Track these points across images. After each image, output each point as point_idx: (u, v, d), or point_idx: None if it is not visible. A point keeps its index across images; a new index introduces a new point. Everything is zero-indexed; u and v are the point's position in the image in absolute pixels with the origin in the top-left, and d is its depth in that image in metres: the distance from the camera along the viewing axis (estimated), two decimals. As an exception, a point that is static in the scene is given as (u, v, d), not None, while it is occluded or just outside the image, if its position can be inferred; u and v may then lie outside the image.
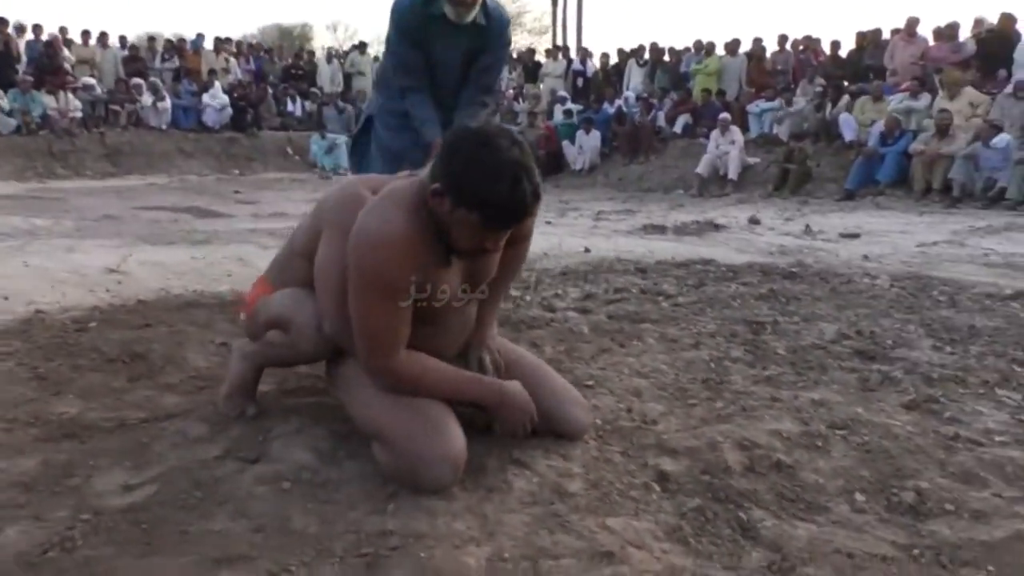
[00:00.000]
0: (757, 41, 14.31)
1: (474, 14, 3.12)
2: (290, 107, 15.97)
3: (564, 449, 1.93)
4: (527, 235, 2.07)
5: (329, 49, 19.43)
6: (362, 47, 17.83)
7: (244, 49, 17.64)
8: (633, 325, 3.33)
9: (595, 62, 16.79)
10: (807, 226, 7.08)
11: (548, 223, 7.52)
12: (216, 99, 14.53)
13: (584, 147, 13.63)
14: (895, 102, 10.75)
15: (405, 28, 3.19)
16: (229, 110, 14.61)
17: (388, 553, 1.46)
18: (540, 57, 17.82)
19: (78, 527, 1.53)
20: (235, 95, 14.89)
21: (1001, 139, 8.93)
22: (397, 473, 1.70)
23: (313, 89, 16.71)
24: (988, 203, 8.85)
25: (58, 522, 1.55)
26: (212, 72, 15.18)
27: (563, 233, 6.60)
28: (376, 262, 1.64)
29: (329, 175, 13.80)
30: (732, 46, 14.27)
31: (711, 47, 14.45)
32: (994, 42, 11.53)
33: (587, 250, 5.44)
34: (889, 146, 10.04)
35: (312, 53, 19.35)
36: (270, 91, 16.05)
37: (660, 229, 7.00)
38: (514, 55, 18.07)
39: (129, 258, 4.60)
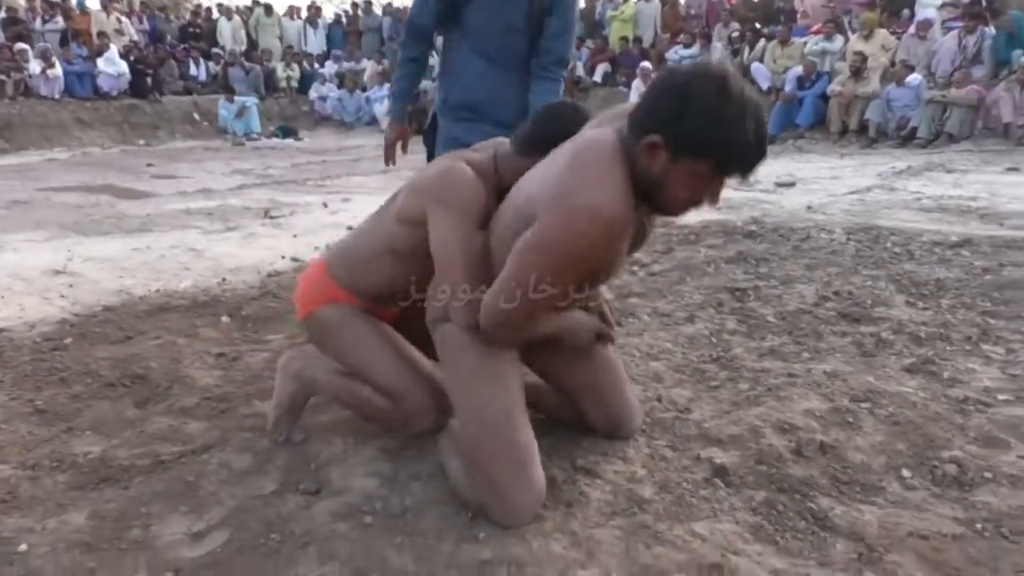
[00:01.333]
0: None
1: None
2: (193, 70, 15.14)
3: (619, 450, 1.95)
4: None
5: (221, 4, 18.38)
6: (268, 9, 16.96)
7: (136, 7, 16.57)
8: (621, 300, 3.36)
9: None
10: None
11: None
12: (112, 64, 13.60)
13: (505, 100, 13.46)
14: (810, 44, 11.02)
15: None
16: (127, 75, 13.71)
17: (497, 585, 1.46)
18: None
19: (165, 589, 1.46)
20: (132, 59, 13.99)
21: (913, 79, 9.31)
22: (476, 498, 1.68)
23: (215, 49, 15.87)
24: (901, 142, 9.26)
25: (140, 584, 1.48)
26: (103, 34, 14.21)
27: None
28: (593, 241, 1.48)
29: (242, 141, 13.25)
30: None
31: (624, -8, 14.43)
32: (897, -18, 11.94)
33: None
34: (807, 90, 10.33)
35: (209, 10, 18.31)
36: (170, 53, 15.18)
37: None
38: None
39: (73, 256, 4.33)
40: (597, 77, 13.62)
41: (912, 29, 10.47)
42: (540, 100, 2.61)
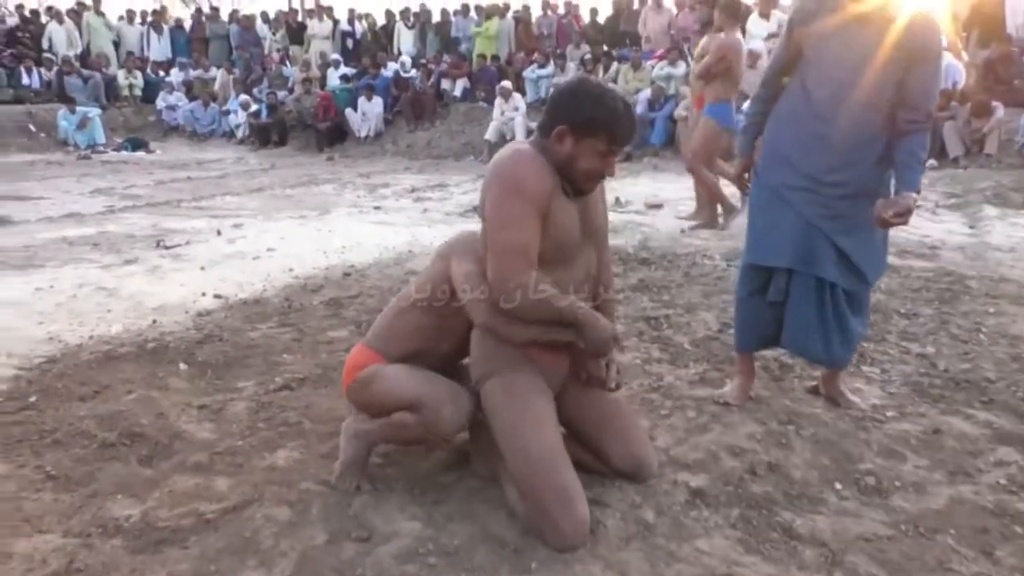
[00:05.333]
0: (526, 8, 14.99)
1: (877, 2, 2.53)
2: (25, 78, 14.06)
3: (614, 479, 2.29)
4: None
5: (51, 8, 17.10)
6: (98, 10, 15.95)
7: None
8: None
9: (363, 23, 16.54)
10: (617, 198, 7.82)
11: (377, 208, 7.62)
12: (-70, 69, 12.47)
13: (368, 114, 13.55)
14: (657, 69, 11.90)
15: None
16: (-51, 82, 12.63)
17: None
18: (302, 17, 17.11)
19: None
20: (-46, 65, 12.88)
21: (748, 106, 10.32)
22: (533, 526, 1.99)
23: (47, 55, 14.82)
24: (744, 163, 10.26)
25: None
26: (-83, 36, 12.98)
27: (402, 223, 6.77)
28: (516, 171, 2.01)
29: (87, 154, 12.52)
30: (502, 10, 14.79)
31: (492, 10, 14.86)
32: (730, 14, 13.09)
33: (449, 245, 5.70)
34: (657, 111, 11.18)
35: (36, 12, 17.00)
36: (-4, 59, 14.07)
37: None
38: (272, 15, 17.25)
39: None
40: (457, 92, 13.98)
41: (744, 58, 11.56)
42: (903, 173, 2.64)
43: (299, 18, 17.18)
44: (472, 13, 15.08)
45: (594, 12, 14.76)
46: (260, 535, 2.02)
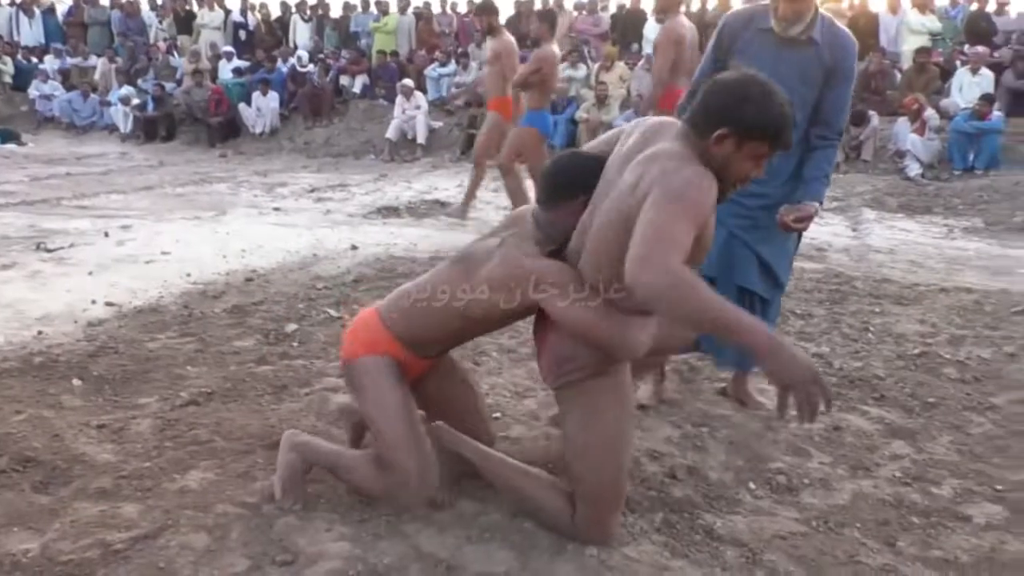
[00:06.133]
0: (426, 5, 14.88)
1: (801, 27, 2.66)
2: None
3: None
4: None
5: None
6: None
7: None
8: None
9: (256, 14, 16.00)
10: (521, 200, 7.87)
11: (277, 209, 7.40)
12: None
13: (263, 109, 13.12)
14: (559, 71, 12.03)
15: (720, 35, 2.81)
16: None
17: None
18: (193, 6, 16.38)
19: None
20: None
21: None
22: (573, 528, 2.07)
23: (-97, 36, 13.67)
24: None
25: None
26: None
27: (304, 224, 6.60)
28: (700, 195, 1.76)
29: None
30: (402, 5, 14.61)
31: (385, 6, 14.65)
32: (627, 19, 13.43)
33: (355, 247, 5.60)
34: (559, 114, 11.30)
35: None
36: None
37: (395, 211, 7.29)
38: (158, 1, 16.45)
39: None
40: (356, 88, 13.72)
41: (642, 63, 11.87)
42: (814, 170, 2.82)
43: (187, 6, 16.43)
44: (372, 8, 14.83)
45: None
46: (176, 565, 1.91)
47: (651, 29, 12.54)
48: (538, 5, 14.30)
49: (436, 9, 15.17)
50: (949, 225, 7.23)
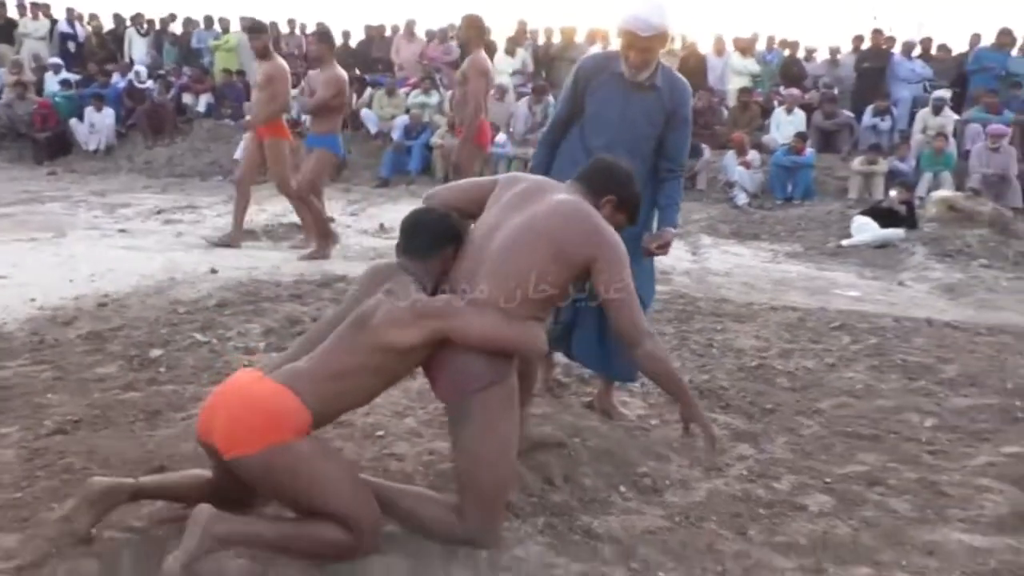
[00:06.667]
0: (273, 24, 14.56)
1: (647, 74, 2.96)
2: None
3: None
4: None
5: None
6: None
7: None
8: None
9: (87, 26, 15.09)
10: (381, 224, 7.93)
11: (123, 231, 7.07)
12: None
13: (97, 125, 12.40)
14: (412, 97, 12.21)
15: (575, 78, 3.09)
16: None
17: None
18: (13, 14, 15.19)
19: None
20: None
21: (501, 138, 10.99)
22: (458, 532, 2.21)
23: None
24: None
25: None
26: None
27: (155, 247, 6.36)
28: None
29: None
30: (245, 24, 14.26)
31: (227, 23, 14.25)
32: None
33: (214, 271, 5.46)
34: (414, 139, 11.46)
35: None
36: None
37: (252, 234, 7.14)
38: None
39: None
40: (200, 107, 13.26)
41: (493, 92, 12.25)
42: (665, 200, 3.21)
43: (6, 13, 15.23)
44: (216, 25, 14.40)
45: (346, 35, 14.72)
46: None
47: (500, 60, 12.97)
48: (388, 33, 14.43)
49: (284, 29, 14.93)
50: (774, 250, 7.98)
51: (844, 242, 8.12)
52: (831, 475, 2.88)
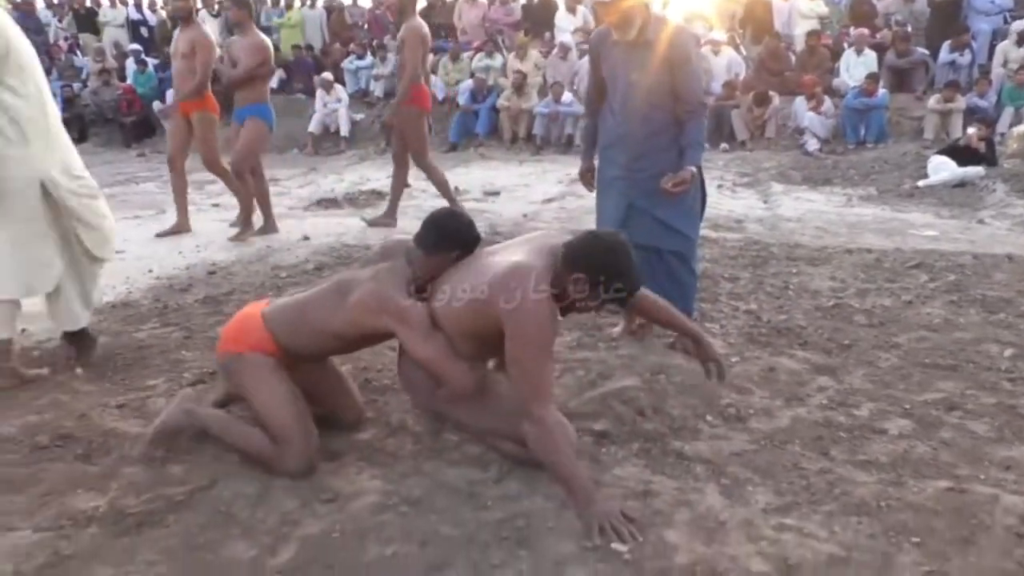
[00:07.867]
0: (336, -4, 14.90)
1: (634, 32, 3.22)
2: None
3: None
4: None
5: None
6: None
7: None
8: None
9: (159, 11, 15.65)
10: (456, 187, 8.17)
11: (216, 205, 7.49)
12: None
13: (178, 107, 12.91)
14: (476, 61, 12.36)
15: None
16: None
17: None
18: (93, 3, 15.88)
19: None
20: None
21: (567, 97, 11.06)
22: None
23: None
24: (564, 148, 11.00)
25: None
26: None
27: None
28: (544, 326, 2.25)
29: None
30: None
31: (290, 1, 14.60)
32: (538, 8, 13.83)
33: (307, 238, 5.81)
34: (480, 103, 11.64)
35: None
36: None
37: (335, 203, 7.49)
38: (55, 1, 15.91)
39: None
40: (273, 83, 13.65)
41: (556, 51, 12.30)
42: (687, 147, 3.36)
43: (87, 3, 15.93)
44: (282, 3, 14.77)
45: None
46: (235, 508, 2.20)
47: (562, 18, 13.00)
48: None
49: (347, 1, 15.22)
50: (848, 194, 7.94)
51: (921, 183, 8.01)
52: (910, 402, 3.02)
